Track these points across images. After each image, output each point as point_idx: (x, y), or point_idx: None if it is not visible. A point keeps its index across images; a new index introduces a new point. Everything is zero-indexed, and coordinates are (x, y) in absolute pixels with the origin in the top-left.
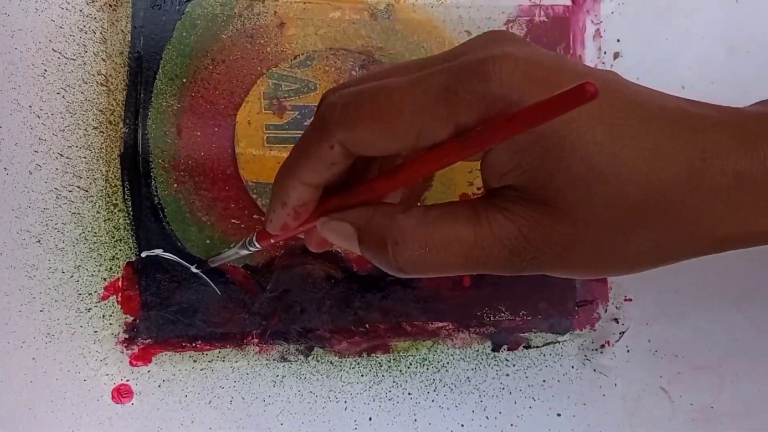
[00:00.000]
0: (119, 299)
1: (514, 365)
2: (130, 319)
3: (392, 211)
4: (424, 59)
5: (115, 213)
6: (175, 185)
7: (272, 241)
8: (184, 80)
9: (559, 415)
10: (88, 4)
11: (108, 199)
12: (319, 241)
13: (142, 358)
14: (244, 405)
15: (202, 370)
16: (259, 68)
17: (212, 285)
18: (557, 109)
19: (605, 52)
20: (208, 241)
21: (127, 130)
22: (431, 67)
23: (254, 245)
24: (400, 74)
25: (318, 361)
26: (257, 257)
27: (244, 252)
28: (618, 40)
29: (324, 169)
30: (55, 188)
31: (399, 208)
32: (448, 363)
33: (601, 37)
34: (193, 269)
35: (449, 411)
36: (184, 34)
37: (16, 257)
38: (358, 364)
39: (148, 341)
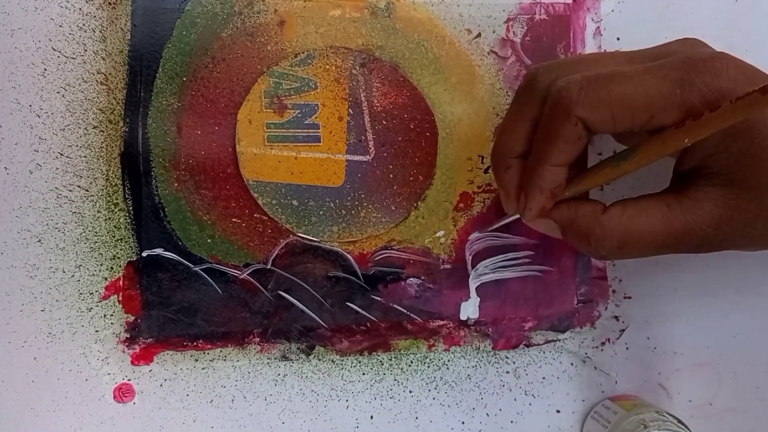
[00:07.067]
0: (120, 299)
1: (514, 363)
2: (132, 318)
3: (594, 212)
4: (630, 53)
5: (116, 212)
6: (176, 184)
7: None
8: (185, 79)
9: (558, 411)
10: (87, 2)
11: (109, 198)
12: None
13: (144, 357)
14: (245, 404)
15: (203, 369)
16: (259, 67)
17: (213, 284)
18: None
19: (605, 50)
20: (209, 240)
21: (127, 129)
22: (650, 61)
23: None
24: (621, 64)
25: (319, 359)
26: (257, 256)
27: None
28: (618, 39)
29: (571, 147)
30: (56, 188)
31: (599, 207)
32: (448, 361)
33: (601, 35)
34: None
35: (450, 408)
36: (184, 32)
37: (17, 257)
38: (360, 362)
39: (149, 340)
